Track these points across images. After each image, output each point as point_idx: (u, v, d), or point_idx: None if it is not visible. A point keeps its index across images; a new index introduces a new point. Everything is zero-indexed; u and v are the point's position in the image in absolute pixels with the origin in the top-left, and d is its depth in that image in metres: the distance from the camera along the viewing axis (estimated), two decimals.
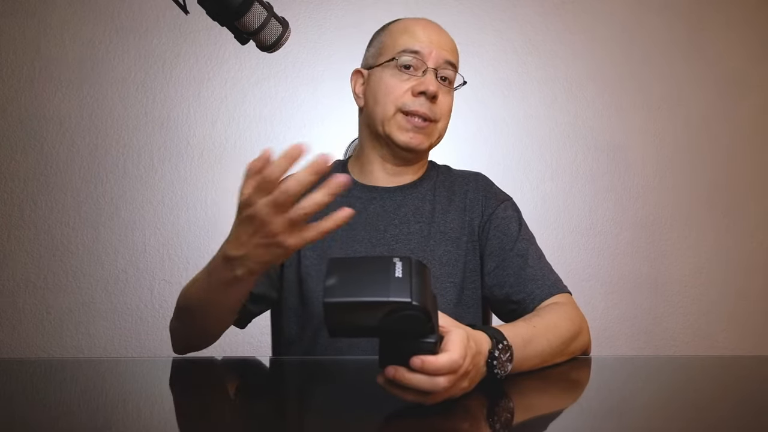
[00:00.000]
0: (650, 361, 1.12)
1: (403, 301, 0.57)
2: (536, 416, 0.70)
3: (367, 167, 1.15)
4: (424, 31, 1.09)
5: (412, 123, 1.06)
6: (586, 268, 2.03)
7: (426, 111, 1.06)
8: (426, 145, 1.09)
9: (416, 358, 0.62)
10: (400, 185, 1.14)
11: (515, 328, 0.83)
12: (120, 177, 1.94)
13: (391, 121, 1.07)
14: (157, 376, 0.90)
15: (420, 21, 1.12)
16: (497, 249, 1.08)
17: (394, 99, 1.06)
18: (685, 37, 2.11)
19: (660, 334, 2.04)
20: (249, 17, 0.89)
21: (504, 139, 2.04)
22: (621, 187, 2.06)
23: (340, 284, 0.58)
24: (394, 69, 1.07)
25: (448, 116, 1.11)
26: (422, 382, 0.63)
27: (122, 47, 1.96)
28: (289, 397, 0.79)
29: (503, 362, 0.75)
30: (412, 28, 1.10)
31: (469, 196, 1.14)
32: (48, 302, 1.90)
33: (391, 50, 1.08)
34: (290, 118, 1.99)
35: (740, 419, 0.65)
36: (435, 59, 1.07)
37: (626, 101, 2.08)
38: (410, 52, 1.06)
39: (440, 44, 1.08)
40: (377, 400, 0.73)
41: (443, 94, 1.08)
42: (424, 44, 1.07)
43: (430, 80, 1.05)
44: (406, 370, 0.63)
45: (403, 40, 1.08)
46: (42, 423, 0.64)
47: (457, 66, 1.11)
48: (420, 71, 1.06)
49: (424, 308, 0.58)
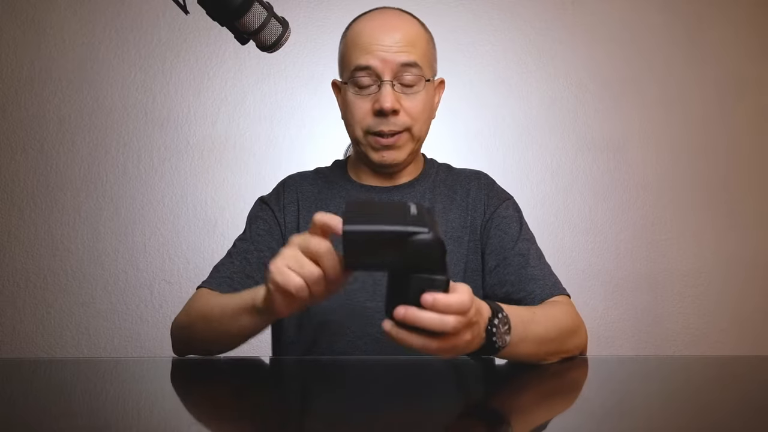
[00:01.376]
0: (650, 361, 1.12)
1: (421, 230, 0.59)
2: (536, 416, 0.70)
3: (362, 169, 1.16)
4: (375, 37, 1.04)
5: (380, 143, 1.06)
6: (586, 268, 2.03)
7: (390, 128, 1.05)
8: (402, 157, 1.09)
9: (428, 295, 0.62)
10: (396, 185, 1.15)
11: (515, 308, 0.83)
12: (120, 177, 1.94)
13: (363, 143, 1.08)
14: (157, 376, 0.90)
15: (370, 22, 1.07)
16: (498, 248, 1.08)
17: (359, 122, 1.06)
18: (685, 37, 2.11)
19: (660, 334, 2.04)
20: (249, 17, 0.89)
21: (504, 139, 2.04)
22: (621, 187, 2.06)
23: (360, 215, 0.61)
24: (353, 87, 1.06)
25: (423, 115, 1.08)
26: (432, 320, 0.63)
27: (122, 47, 1.96)
28: (289, 397, 0.79)
29: (501, 333, 0.75)
30: (362, 37, 1.05)
31: (472, 194, 1.13)
32: (48, 302, 1.90)
33: (347, 67, 1.07)
34: (290, 118, 1.99)
35: (740, 419, 0.65)
36: (390, 69, 1.03)
37: (626, 101, 2.08)
38: (362, 69, 1.04)
39: (394, 48, 1.03)
40: (377, 401, 0.73)
41: (407, 100, 1.05)
42: (375, 56, 1.03)
43: (386, 97, 1.03)
44: (417, 308, 0.63)
45: (354, 56, 1.05)
46: (42, 423, 0.64)
47: (419, 62, 1.05)
48: (377, 85, 1.04)
49: (440, 239, 0.60)
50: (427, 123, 1.11)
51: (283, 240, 1.11)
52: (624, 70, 2.09)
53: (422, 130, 1.10)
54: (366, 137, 1.07)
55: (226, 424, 0.66)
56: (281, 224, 1.12)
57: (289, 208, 1.14)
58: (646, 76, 2.09)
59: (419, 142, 1.11)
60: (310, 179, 1.18)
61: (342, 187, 1.15)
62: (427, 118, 1.11)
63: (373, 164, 1.10)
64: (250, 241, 1.11)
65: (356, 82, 1.05)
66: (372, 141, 1.07)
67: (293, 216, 1.13)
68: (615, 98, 2.08)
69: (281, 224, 1.12)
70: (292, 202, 1.14)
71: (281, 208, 1.14)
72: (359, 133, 1.07)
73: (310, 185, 1.17)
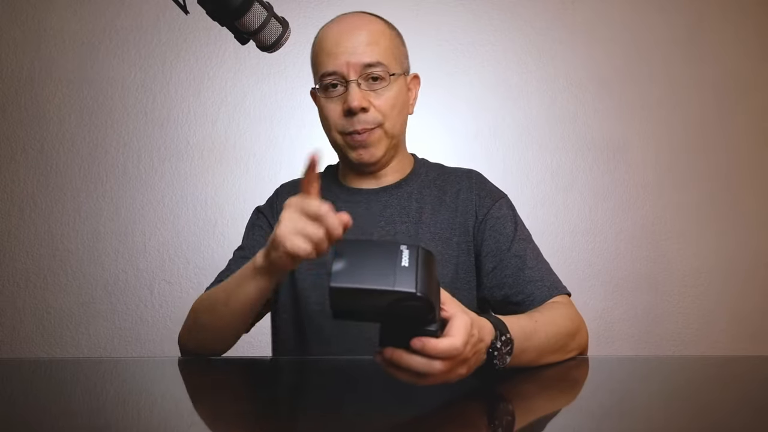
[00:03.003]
0: (650, 361, 1.12)
1: (408, 292, 0.58)
2: (536, 416, 0.70)
3: (348, 172, 1.17)
4: (338, 41, 1.06)
5: (355, 140, 1.07)
6: (586, 268, 2.03)
7: (362, 126, 1.06)
8: (378, 154, 1.09)
9: (417, 340, 0.63)
10: (383, 186, 1.14)
11: (518, 320, 0.83)
12: (120, 177, 1.94)
13: (341, 145, 1.10)
14: (157, 376, 0.90)
15: (334, 27, 1.10)
16: (494, 249, 1.07)
17: (333, 125, 1.08)
18: (685, 36, 2.11)
19: (660, 334, 2.04)
20: (249, 17, 0.89)
21: (504, 139, 2.04)
22: (621, 187, 2.06)
23: (347, 269, 0.59)
24: (323, 92, 1.08)
25: (395, 111, 1.08)
26: (419, 363, 0.63)
27: (122, 47, 1.96)
28: (289, 397, 0.79)
29: (503, 354, 0.75)
30: (326, 42, 1.08)
31: (461, 195, 1.12)
32: (48, 302, 1.90)
33: (317, 74, 1.10)
34: (290, 118, 1.99)
35: (740, 419, 0.65)
36: (354, 69, 1.05)
37: (626, 101, 2.08)
38: (328, 75, 1.06)
39: (357, 50, 1.05)
40: (377, 400, 0.73)
41: (376, 97, 1.06)
42: (339, 60, 1.05)
43: (352, 96, 1.04)
44: (405, 351, 0.63)
45: (320, 62, 1.08)
46: (42, 423, 0.64)
47: (383, 60, 1.06)
48: (344, 86, 1.06)
49: (428, 299, 0.59)
50: (399, 118, 1.10)
51: None
52: (624, 70, 2.09)
53: (395, 126, 1.09)
54: (343, 138, 1.09)
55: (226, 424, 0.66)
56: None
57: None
58: (646, 76, 2.09)
59: (394, 138, 1.11)
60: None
61: (332, 192, 1.15)
62: (399, 114, 1.10)
63: (353, 164, 1.12)
64: (248, 248, 1.13)
65: (325, 87, 1.07)
66: (349, 140, 1.08)
67: None
68: (615, 98, 2.08)
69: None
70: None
71: (274, 214, 1.16)
72: (336, 136, 1.09)
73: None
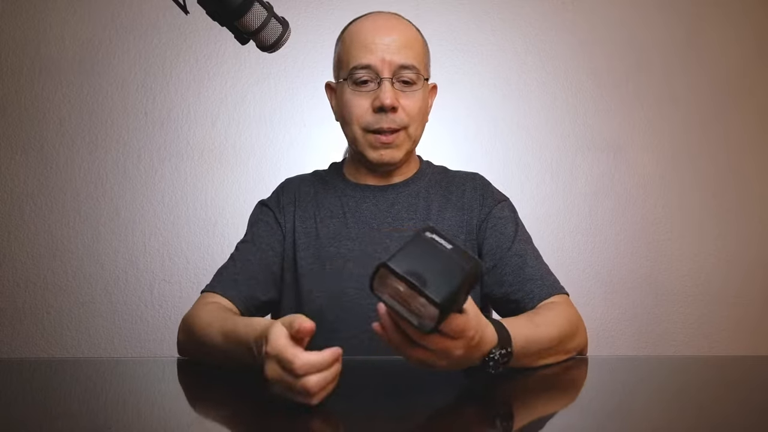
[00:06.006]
0: (650, 361, 1.12)
1: (432, 298, 0.61)
2: (536, 416, 0.70)
3: (358, 168, 1.17)
4: (374, 37, 1.06)
5: (379, 141, 1.07)
6: (586, 268, 2.03)
7: (389, 125, 1.06)
8: (399, 156, 1.10)
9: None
10: (391, 183, 1.16)
11: (520, 327, 0.83)
12: (120, 177, 1.94)
13: (360, 141, 1.09)
14: (157, 377, 0.90)
15: (368, 23, 1.09)
16: (494, 248, 1.09)
17: (357, 119, 1.07)
18: (685, 36, 2.11)
19: (660, 334, 2.04)
20: (249, 17, 0.89)
21: (504, 139, 2.04)
22: (621, 187, 2.06)
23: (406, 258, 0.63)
24: (352, 85, 1.07)
25: (420, 116, 1.10)
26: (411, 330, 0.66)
27: (122, 47, 1.96)
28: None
29: (499, 364, 0.77)
30: (361, 36, 1.07)
31: (467, 195, 1.14)
32: (48, 302, 1.90)
33: (346, 66, 1.08)
34: (290, 118, 1.99)
35: (740, 419, 0.65)
36: (389, 67, 1.05)
37: (626, 101, 2.08)
38: (362, 68, 1.05)
39: (392, 48, 1.05)
40: (377, 401, 0.73)
41: (405, 99, 1.07)
42: (375, 55, 1.05)
43: (386, 93, 1.04)
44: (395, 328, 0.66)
45: (353, 54, 1.06)
46: (42, 423, 0.64)
47: (416, 64, 1.07)
48: (376, 83, 1.05)
49: (444, 311, 0.62)
50: (422, 124, 1.13)
51: (284, 240, 1.13)
52: (624, 70, 2.09)
53: (418, 130, 1.11)
54: (365, 135, 1.08)
55: (226, 424, 0.67)
56: (282, 225, 1.15)
57: (288, 208, 1.16)
58: (645, 77, 2.09)
59: (414, 143, 1.13)
60: (308, 181, 1.21)
61: (337, 188, 1.17)
62: (422, 119, 1.12)
63: (370, 163, 1.12)
64: (252, 242, 1.13)
65: (355, 80, 1.06)
66: (371, 139, 1.08)
67: (290, 216, 1.15)
68: (615, 98, 2.08)
69: (282, 225, 1.15)
70: (290, 203, 1.17)
71: (281, 209, 1.16)
72: (357, 131, 1.08)
73: (307, 186, 1.19)
